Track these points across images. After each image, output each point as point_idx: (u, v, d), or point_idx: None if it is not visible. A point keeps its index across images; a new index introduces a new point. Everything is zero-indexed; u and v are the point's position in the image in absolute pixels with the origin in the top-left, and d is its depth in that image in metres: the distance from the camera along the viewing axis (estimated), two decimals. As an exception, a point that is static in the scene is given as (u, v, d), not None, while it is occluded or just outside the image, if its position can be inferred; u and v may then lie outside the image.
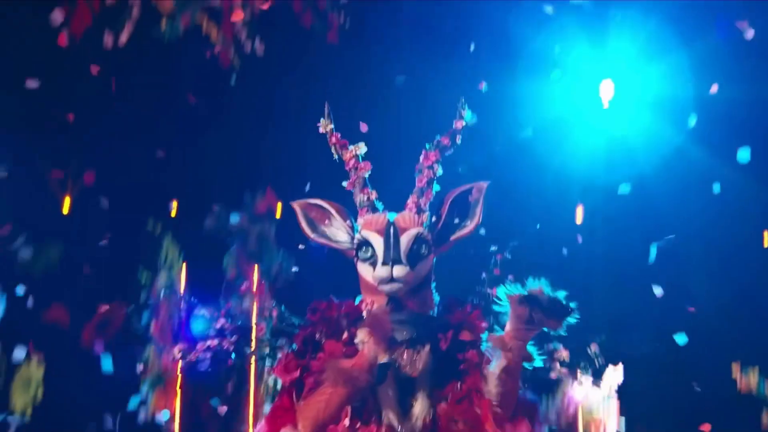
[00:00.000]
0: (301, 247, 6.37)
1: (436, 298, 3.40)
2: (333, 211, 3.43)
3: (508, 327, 3.10)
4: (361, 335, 3.19)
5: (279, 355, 3.60)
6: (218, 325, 3.76)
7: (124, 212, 7.83)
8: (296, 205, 3.50)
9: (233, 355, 3.73)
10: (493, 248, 4.21)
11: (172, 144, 7.70)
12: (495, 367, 3.11)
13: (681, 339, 6.06)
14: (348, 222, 3.43)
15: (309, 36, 6.23)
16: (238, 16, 5.83)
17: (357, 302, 3.37)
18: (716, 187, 6.50)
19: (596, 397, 7.11)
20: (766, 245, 7.36)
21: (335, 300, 3.38)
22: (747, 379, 5.98)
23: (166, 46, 5.98)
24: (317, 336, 3.29)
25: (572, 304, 2.98)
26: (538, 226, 4.18)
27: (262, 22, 6.05)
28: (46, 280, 6.85)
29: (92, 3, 5.68)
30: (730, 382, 6.11)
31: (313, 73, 6.85)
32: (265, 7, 5.83)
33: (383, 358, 3.07)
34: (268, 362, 3.71)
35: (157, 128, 7.63)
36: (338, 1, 6.16)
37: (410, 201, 3.42)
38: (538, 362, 3.18)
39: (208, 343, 4.56)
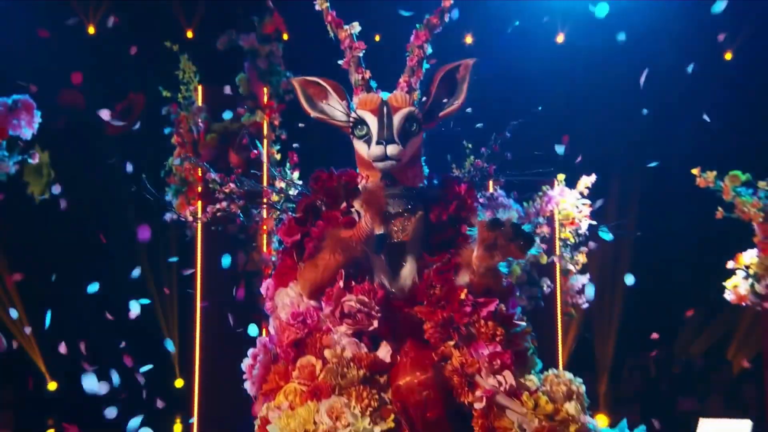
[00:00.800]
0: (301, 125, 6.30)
1: (426, 170, 3.36)
2: (330, 89, 3.29)
3: (474, 251, 3.07)
4: (358, 205, 3.20)
5: (283, 218, 3.47)
6: (227, 190, 3.67)
7: (143, 35, 7.77)
8: (295, 81, 3.34)
9: (241, 216, 3.64)
10: (486, 126, 3.94)
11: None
12: (461, 280, 3.12)
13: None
14: (344, 100, 3.31)
15: None
16: None
17: (356, 173, 3.33)
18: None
19: (571, 198, 7.29)
20: (727, 58, 7.38)
21: (335, 171, 3.31)
22: (705, 178, 6.11)
23: None
24: (318, 204, 3.26)
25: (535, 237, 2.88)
26: (539, 108, 4.02)
27: None
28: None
29: None
30: (690, 181, 6.23)
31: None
32: None
33: (379, 230, 3.07)
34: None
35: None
36: None
37: (402, 80, 3.32)
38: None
39: (218, 206, 4.52)
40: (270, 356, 3.09)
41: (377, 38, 6.54)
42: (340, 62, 3.34)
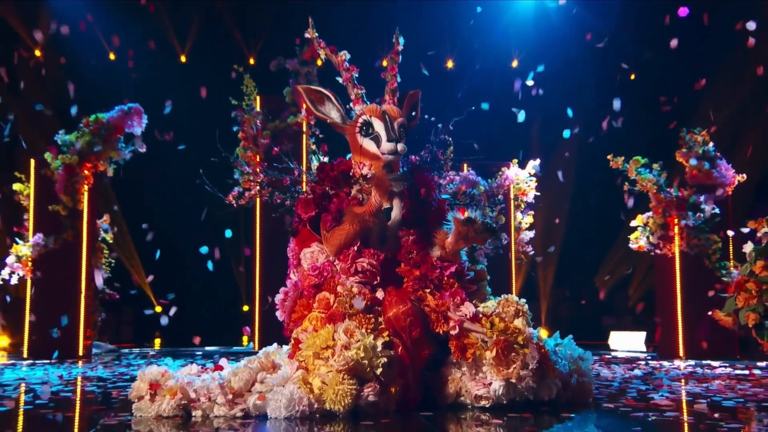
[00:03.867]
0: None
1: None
2: (330, 95, 3.16)
3: (450, 238, 3.11)
4: (356, 189, 3.15)
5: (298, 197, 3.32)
6: (258, 179, 3.55)
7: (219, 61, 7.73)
8: (300, 88, 3.20)
9: (267, 197, 3.50)
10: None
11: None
12: (434, 254, 3.13)
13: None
14: (339, 104, 3.16)
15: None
16: None
17: (350, 162, 3.25)
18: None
19: (522, 176, 7.27)
20: (632, 77, 7.23)
21: (334, 161, 3.26)
22: (616, 161, 6.12)
23: None
24: (327, 189, 3.18)
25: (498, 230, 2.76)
26: (473, 108, 3.82)
27: None
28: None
29: None
30: (606, 165, 6.22)
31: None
32: None
33: (386, 205, 3.07)
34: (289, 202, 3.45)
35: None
36: None
37: (387, 98, 3.22)
38: (464, 257, 3.20)
39: (253, 192, 4.44)
40: (298, 293, 3.12)
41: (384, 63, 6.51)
42: (338, 78, 3.25)
